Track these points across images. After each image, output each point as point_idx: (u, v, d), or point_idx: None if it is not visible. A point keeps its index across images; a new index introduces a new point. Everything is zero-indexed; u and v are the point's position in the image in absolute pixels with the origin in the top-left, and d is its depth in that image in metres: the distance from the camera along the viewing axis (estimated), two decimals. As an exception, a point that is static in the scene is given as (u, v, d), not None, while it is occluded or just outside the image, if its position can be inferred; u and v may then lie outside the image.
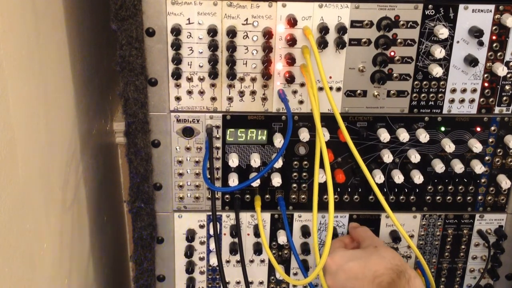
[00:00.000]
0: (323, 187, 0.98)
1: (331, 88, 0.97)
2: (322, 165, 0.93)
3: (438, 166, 1.01)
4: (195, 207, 1.05)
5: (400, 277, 0.92)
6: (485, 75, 0.98)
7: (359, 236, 1.03)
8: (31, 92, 0.80)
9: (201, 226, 1.07)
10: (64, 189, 0.97)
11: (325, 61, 0.94)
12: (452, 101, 0.99)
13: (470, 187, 1.06)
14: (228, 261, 1.10)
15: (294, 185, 1.04)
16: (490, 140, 1.02)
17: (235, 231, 1.05)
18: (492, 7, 0.93)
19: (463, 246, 1.11)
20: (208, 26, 0.92)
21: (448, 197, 1.06)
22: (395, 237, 1.08)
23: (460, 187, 1.06)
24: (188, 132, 0.99)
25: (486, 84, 0.98)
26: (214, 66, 0.93)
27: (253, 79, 0.96)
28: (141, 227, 1.03)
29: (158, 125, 0.98)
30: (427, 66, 0.96)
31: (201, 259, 1.09)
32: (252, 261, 1.10)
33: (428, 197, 1.06)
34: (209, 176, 0.96)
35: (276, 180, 1.01)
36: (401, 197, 1.06)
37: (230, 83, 0.96)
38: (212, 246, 1.06)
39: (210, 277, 1.11)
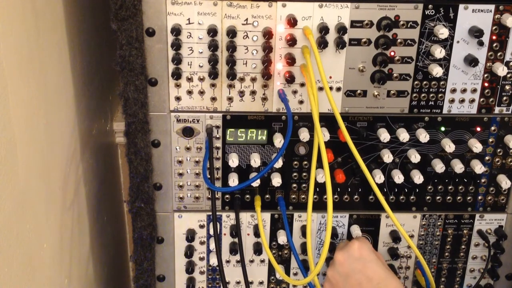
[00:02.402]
0: (323, 187, 0.98)
1: (331, 88, 0.97)
2: (321, 165, 0.93)
3: (438, 166, 1.01)
4: (195, 207, 1.05)
5: None
6: (485, 75, 0.98)
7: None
8: (31, 92, 0.80)
9: (201, 226, 1.07)
10: (64, 189, 0.97)
11: (325, 61, 0.94)
12: (452, 101, 0.99)
13: (470, 187, 1.06)
14: (228, 261, 1.10)
15: (294, 185, 1.04)
16: (490, 140, 1.02)
17: (235, 231, 1.05)
18: (492, 7, 0.93)
19: (463, 246, 1.11)
20: (208, 26, 0.92)
21: (448, 197, 1.06)
22: (395, 237, 1.08)
23: (460, 187, 1.06)
24: (188, 132, 0.99)
25: (486, 84, 0.98)
26: (214, 66, 0.93)
27: (253, 79, 0.96)
28: (141, 227, 1.03)
29: (158, 125, 0.98)
30: (427, 66, 0.96)
31: (201, 259, 1.09)
32: (252, 261, 1.10)
33: (428, 197, 1.06)
34: (209, 176, 0.96)
35: (276, 180, 1.01)
36: (401, 197, 1.06)
37: (230, 83, 0.96)
38: (212, 246, 1.06)
39: (210, 277, 1.11)
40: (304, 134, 0.98)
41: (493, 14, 0.93)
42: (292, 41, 0.92)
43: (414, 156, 1.00)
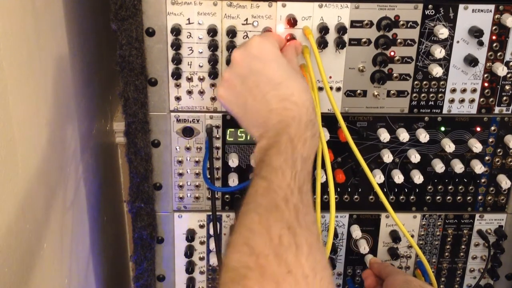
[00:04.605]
0: (323, 187, 0.98)
1: (331, 88, 0.97)
2: (322, 165, 0.93)
3: (438, 166, 1.01)
4: (195, 207, 1.05)
5: None
6: (485, 75, 0.98)
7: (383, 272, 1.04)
8: (31, 92, 0.80)
9: (201, 226, 1.07)
10: (64, 189, 0.97)
11: (325, 61, 0.94)
12: (452, 101, 0.99)
13: (470, 187, 1.06)
14: (228, 261, 1.10)
15: (294, 185, 1.04)
16: (490, 140, 1.02)
17: (235, 231, 1.04)
18: (492, 7, 0.93)
19: (463, 246, 1.11)
20: (208, 26, 0.92)
21: (448, 197, 1.06)
22: (395, 237, 1.08)
23: (460, 187, 1.06)
24: (188, 132, 0.99)
25: (486, 84, 0.98)
26: (214, 66, 0.93)
27: (253, 79, 0.96)
28: (141, 227, 1.03)
29: (158, 125, 0.98)
30: (427, 66, 0.96)
31: (201, 259, 1.09)
32: (252, 261, 1.10)
33: (428, 197, 1.06)
34: (209, 176, 0.96)
35: (276, 180, 1.01)
36: (401, 197, 1.06)
37: (230, 83, 0.96)
38: (212, 246, 1.06)
39: (210, 277, 1.11)
40: (304, 134, 0.98)
41: (493, 14, 0.93)
42: (292, 41, 0.92)
43: (414, 156, 1.00)
